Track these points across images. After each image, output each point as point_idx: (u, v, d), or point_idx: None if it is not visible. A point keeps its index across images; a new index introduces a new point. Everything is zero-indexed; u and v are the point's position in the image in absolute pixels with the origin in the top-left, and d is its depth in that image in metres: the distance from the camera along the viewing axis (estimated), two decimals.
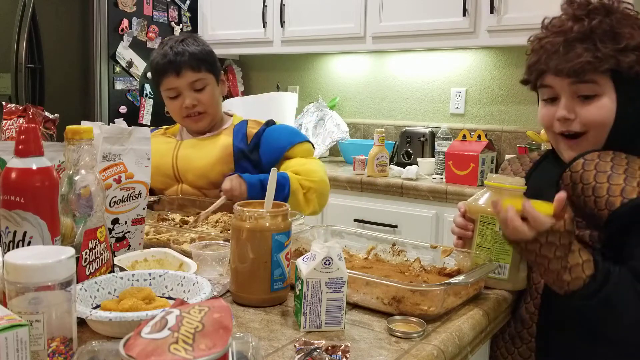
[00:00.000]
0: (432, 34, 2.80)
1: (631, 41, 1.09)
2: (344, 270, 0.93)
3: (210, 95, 1.77)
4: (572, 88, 1.13)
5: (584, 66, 1.09)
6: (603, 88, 1.11)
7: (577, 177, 1.08)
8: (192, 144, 1.79)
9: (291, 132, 1.81)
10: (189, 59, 1.72)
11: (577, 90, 1.13)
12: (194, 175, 1.74)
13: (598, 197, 1.04)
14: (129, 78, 3.27)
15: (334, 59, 3.58)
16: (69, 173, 0.94)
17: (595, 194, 1.05)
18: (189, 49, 1.73)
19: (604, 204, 1.04)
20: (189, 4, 3.55)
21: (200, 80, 1.75)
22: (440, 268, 1.17)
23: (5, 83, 3.32)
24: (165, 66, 1.72)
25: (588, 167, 1.08)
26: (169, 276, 0.99)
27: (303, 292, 0.91)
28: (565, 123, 1.15)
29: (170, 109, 1.80)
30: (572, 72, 1.10)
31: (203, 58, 1.75)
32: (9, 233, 0.85)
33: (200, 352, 0.53)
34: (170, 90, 1.76)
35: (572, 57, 1.10)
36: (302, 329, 0.92)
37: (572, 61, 1.10)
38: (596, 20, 1.10)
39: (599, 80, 1.11)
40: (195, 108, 1.75)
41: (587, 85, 1.11)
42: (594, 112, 1.12)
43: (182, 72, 1.72)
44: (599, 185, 1.05)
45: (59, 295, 0.71)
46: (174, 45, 1.74)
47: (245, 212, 1.02)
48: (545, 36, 1.16)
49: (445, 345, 0.90)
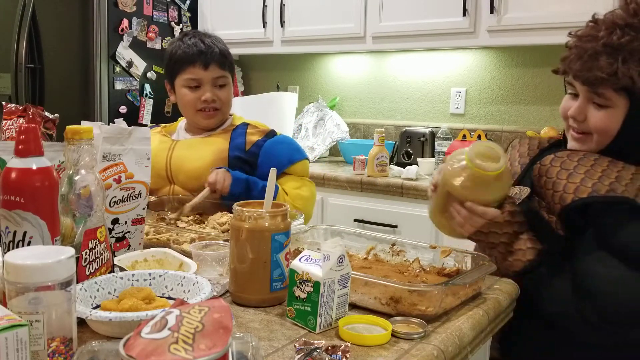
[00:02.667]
0: (432, 34, 2.80)
1: None
2: (349, 265, 0.95)
3: (228, 94, 1.81)
4: (588, 95, 1.19)
5: (600, 80, 1.14)
6: (615, 102, 1.16)
7: (544, 171, 1.19)
8: (187, 145, 1.80)
9: (292, 149, 1.83)
10: (219, 54, 1.77)
11: (592, 97, 1.19)
12: (187, 177, 1.74)
13: (555, 192, 1.15)
14: (129, 78, 3.27)
15: (334, 59, 3.58)
16: (69, 173, 0.94)
17: (554, 189, 1.15)
18: (218, 45, 1.78)
19: (558, 198, 1.14)
20: (189, 4, 3.55)
21: (223, 77, 1.79)
22: (439, 268, 1.17)
23: (5, 83, 3.32)
24: (195, 56, 1.75)
25: (555, 163, 1.18)
26: (169, 276, 0.99)
27: (320, 294, 0.91)
28: (575, 121, 1.23)
29: (185, 100, 1.79)
30: (587, 82, 1.16)
31: (229, 58, 1.82)
32: (9, 233, 0.85)
33: (200, 352, 0.53)
34: (192, 80, 1.77)
35: (592, 67, 1.15)
36: (318, 330, 0.92)
37: (591, 72, 1.15)
38: (627, 37, 1.13)
39: (612, 95, 1.15)
40: (212, 103, 1.77)
41: (599, 96, 1.17)
42: (600, 120, 1.18)
43: (210, 65, 1.76)
44: (559, 181, 1.15)
45: (59, 295, 0.72)
46: (202, 37, 1.78)
47: (244, 212, 1.02)
48: (582, 35, 1.20)
49: (445, 345, 0.90)
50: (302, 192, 1.78)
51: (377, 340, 0.89)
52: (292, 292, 0.95)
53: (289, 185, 1.78)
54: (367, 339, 0.88)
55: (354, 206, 2.77)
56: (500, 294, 1.13)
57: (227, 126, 1.84)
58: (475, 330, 0.99)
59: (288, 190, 1.77)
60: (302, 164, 1.83)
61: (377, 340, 0.89)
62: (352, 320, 0.94)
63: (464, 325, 0.97)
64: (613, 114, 1.17)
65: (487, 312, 1.05)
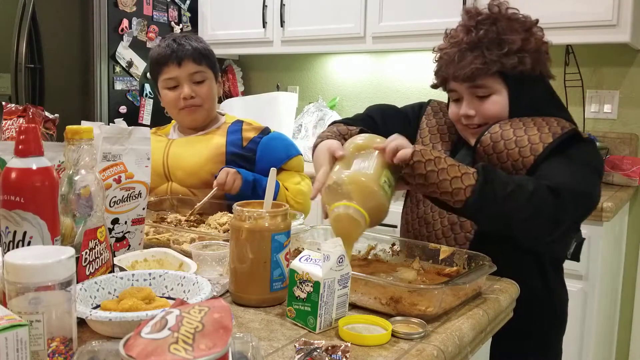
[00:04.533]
0: (432, 34, 2.79)
1: (513, 46, 1.27)
2: (349, 265, 0.95)
3: (208, 89, 1.80)
4: (470, 90, 1.32)
5: (474, 72, 1.28)
6: (494, 88, 1.30)
7: (498, 136, 1.27)
8: (183, 143, 1.80)
9: (287, 145, 1.85)
10: (192, 51, 1.76)
11: (474, 92, 1.31)
12: (184, 173, 1.75)
13: (522, 147, 1.23)
14: (129, 78, 3.27)
15: (334, 59, 3.58)
16: (69, 173, 0.94)
17: (519, 145, 1.24)
18: (192, 44, 1.78)
19: (528, 151, 1.23)
20: (189, 4, 3.55)
21: (200, 72, 1.78)
22: (439, 268, 1.17)
23: (5, 83, 3.32)
24: (167, 56, 1.76)
25: (505, 127, 1.27)
26: (169, 276, 0.99)
27: (320, 294, 0.91)
28: (468, 119, 1.34)
29: (167, 101, 1.81)
30: (466, 78, 1.29)
31: (205, 54, 1.80)
32: (9, 233, 0.85)
33: (200, 352, 0.53)
34: (170, 80, 1.77)
35: (465, 65, 1.28)
36: (318, 330, 0.92)
37: (465, 68, 1.28)
38: (482, 31, 1.29)
39: (490, 82, 1.30)
40: (192, 100, 1.77)
41: (480, 88, 1.30)
42: (489, 108, 1.31)
43: (183, 62, 1.75)
44: (520, 138, 1.24)
45: (59, 295, 0.72)
46: (177, 38, 1.79)
47: (244, 212, 1.02)
48: (445, 47, 1.35)
49: (445, 345, 0.90)
50: (302, 187, 1.81)
51: (377, 340, 0.89)
52: (292, 292, 0.95)
53: (289, 181, 1.80)
54: (367, 339, 0.89)
55: None
56: (500, 294, 1.13)
57: (221, 124, 1.85)
58: (475, 330, 0.99)
59: (288, 186, 1.78)
60: (298, 159, 1.85)
61: (377, 340, 0.89)
62: (352, 320, 0.94)
63: (464, 325, 0.97)
64: (498, 99, 1.31)
65: (487, 312, 1.05)
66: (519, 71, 1.28)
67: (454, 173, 1.09)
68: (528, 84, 1.30)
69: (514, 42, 1.27)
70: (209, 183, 1.68)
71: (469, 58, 1.28)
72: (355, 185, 1.05)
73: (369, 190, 1.05)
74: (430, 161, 1.09)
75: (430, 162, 1.09)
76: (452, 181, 1.08)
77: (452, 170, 1.09)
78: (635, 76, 2.70)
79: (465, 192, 1.08)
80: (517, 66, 1.27)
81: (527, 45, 1.28)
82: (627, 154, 2.69)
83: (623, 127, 2.74)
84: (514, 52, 1.27)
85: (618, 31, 2.35)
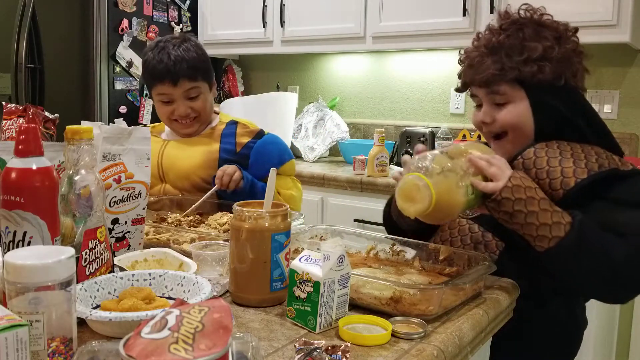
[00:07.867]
0: (432, 34, 2.80)
1: (533, 53, 1.22)
2: (349, 265, 0.95)
3: (203, 102, 1.79)
4: (488, 97, 1.28)
5: (490, 77, 1.24)
6: (512, 95, 1.25)
7: (530, 163, 1.20)
8: (178, 145, 1.81)
9: (280, 150, 1.86)
10: (187, 68, 1.72)
11: (492, 98, 1.27)
12: (176, 176, 1.75)
13: (553, 179, 1.16)
14: (129, 78, 3.27)
15: (334, 59, 3.58)
16: (69, 173, 0.94)
17: (550, 177, 1.17)
18: (187, 56, 1.72)
19: (559, 184, 1.16)
20: (189, 4, 3.55)
21: (195, 88, 1.76)
22: (439, 268, 1.17)
23: (5, 83, 3.32)
24: (163, 74, 1.72)
25: (539, 154, 1.20)
26: (168, 276, 0.99)
27: (320, 294, 0.91)
28: (486, 126, 1.30)
29: (160, 112, 1.81)
30: (482, 83, 1.27)
31: (200, 67, 1.76)
32: (9, 233, 0.85)
33: (200, 352, 0.53)
34: (163, 96, 1.76)
35: (483, 69, 1.25)
36: (318, 330, 0.92)
37: (482, 73, 1.25)
38: (504, 35, 1.25)
39: (507, 89, 1.25)
40: (187, 117, 1.78)
41: (497, 94, 1.26)
42: (506, 116, 1.26)
43: (179, 81, 1.72)
44: (553, 169, 1.17)
45: (59, 295, 0.71)
46: (172, 50, 1.72)
47: (244, 212, 1.02)
48: (469, 50, 1.32)
49: (445, 345, 0.90)
50: (293, 192, 1.84)
51: (377, 340, 0.89)
52: (292, 292, 0.95)
53: (281, 186, 1.82)
54: (367, 339, 0.89)
55: (354, 206, 2.77)
56: (500, 294, 1.13)
57: (216, 124, 1.85)
58: (475, 330, 0.99)
59: (280, 191, 1.81)
60: (291, 163, 1.87)
61: (377, 340, 0.89)
62: (352, 320, 0.94)
63: (464, 325, 0.97)
64: (516, 108, 1.25)
65: (487, 312, 1.05)
66: (538, 80, 1.22)
67: (544, 219, 1.07)
68: (551, 94, 1.24)
69: (535, 50, 1.22)
70: (200, 187, 1.70)
71: (487, 62, 1.25)
72: (439, 166, 1.06)
73: (449, 180, 1.06)
74: (521, 201, 1.07)
75: (520, 201, 1.07)
76: (539, 227, 1.07)
77: (543, 216, 1.07)
78: (635, 76, 2.70)
79: (550, 241, 1.07)
80: (535, 74, 1.22)
81: (550, 54, 1.22)
82: (628, 154, 2.69)
83: (623, 127, 2.74)
84: (534, 60, 1.22)
85: (618, 31, 2.35)
